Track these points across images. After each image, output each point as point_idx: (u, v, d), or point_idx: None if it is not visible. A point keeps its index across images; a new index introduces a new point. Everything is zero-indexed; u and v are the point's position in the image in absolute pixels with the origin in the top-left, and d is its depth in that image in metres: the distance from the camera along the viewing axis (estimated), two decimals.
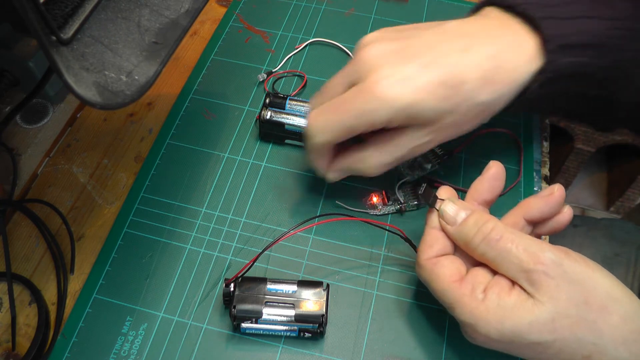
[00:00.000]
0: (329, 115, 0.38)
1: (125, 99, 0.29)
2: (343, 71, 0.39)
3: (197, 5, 0.35)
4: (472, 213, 0.35)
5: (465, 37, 0.37)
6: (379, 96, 0.35)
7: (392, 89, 0.35)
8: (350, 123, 0.37)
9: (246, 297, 0.38)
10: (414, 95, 0.35)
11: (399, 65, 0.36)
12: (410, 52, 0.37)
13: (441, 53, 0.36)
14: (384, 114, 0.35)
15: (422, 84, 0.35)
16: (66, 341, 0.39)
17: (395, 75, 0.35)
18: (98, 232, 0.45)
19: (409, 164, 0.48)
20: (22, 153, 0.49)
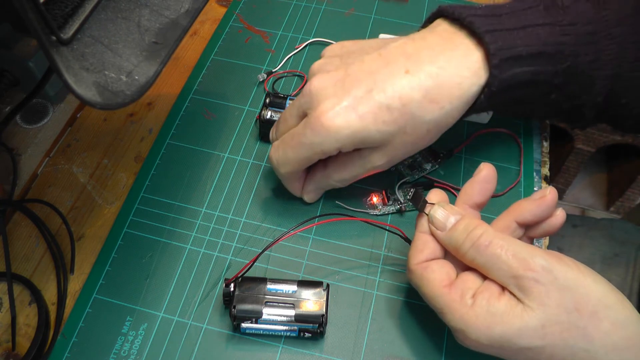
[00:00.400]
0: (286, 149, 0.40)
1: (125, 99, 0.29)
2: (295, 102, 0.40)
3: (197, 5, 0.35)
4: (461, 218, 0.35)
5: (407, 58, 0.38)
6: (326, 127, 0.36)
7: (337, 119, 0.36)
8: (304, 155, 0.39)
9: (246, 297, 0.38)
10: (358, 122, 0.36)
11: (342, 95, 0.37)
12: (353, 80, 0.37)
13: (382, 78, 0.37)
14: (333, 143, 0.37)
15: (365, 110, 0.36)
16: (66, 341, 0.39)
17: (338, 105, 0.36)
18: (98, 232, 0.45)
19: (409, 164, 0.48)
20: (22, 153, 0.49)
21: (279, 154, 0.40)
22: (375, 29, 0.60)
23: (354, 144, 0.38)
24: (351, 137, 0.37)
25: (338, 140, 0.37)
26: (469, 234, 0.34)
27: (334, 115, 0.36)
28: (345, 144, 0.37)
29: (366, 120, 0.36)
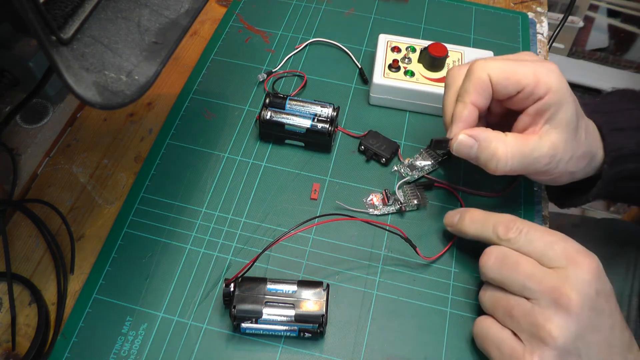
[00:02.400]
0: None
1: (125, 99, 0.29)
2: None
3: (197, 5, 0.35)
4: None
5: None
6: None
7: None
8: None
9: (246, 297, 0.38)
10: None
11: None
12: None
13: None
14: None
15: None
16: (66, 341, 0.39)
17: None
18: (98, 232, 0.45)
19: (409, 164, 0.48)
20: (22, 153, 0.49)
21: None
22: (375, 29, 0.60)
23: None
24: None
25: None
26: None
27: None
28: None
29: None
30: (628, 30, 1.71)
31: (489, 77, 0.39)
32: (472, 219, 0.40)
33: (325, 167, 0.49)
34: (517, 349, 0.34)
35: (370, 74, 0.53)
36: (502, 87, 0.39)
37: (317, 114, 0.48)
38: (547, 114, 0.39)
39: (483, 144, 0.39)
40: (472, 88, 0.39)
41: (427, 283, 0.42)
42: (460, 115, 0.40)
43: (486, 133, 0.39)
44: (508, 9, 0.64)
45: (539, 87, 0.38)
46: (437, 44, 0.51)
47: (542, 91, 0.38)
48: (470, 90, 0.39)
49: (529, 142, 0.39)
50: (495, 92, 0.39)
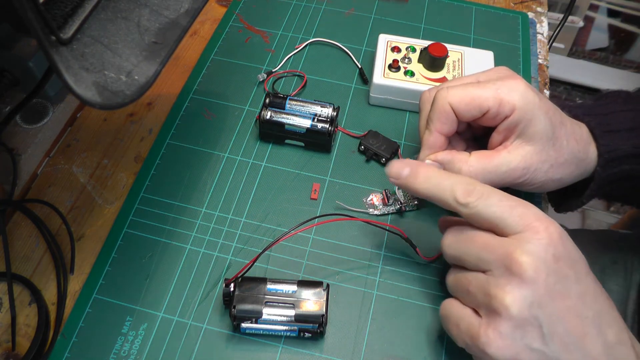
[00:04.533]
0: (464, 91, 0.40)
1: (125, 99, 0.29)
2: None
3: (196, 5, 0.35)
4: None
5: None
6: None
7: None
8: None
9: (246, 297, 0.38)
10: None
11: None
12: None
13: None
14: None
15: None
16: (66, 341, 0.39)
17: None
18: (98, 232, 0.45)
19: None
20: (22, 153, 0.49)
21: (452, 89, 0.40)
22: (375, 29, 0.60)
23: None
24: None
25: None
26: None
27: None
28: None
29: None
30: (628, 30, 1.71)
31: (450, 106, 0.40)
32: (427, 176, 0.37)
33: (325, 167, 0.49)
34: (474, 324, 0.33)
35: (370, 74, 0.53)
36: (465, 113, 0.40)
37: (317, 113, 0.48)
38: (517, 129, 0.39)
39: (447, 166, 0.41)
40: (435, 117, 0.41)
41: (427, 283, 0.42)
42: (426, 142, 0.42)
43: (450, 156, 0.41)
44: (508, 9, 0.64)
45: (502, 107, 0.39)
46: (437, 44, 0.51)
47: (507, 110, 0.39)
48: (433, 119, 0.41)
49: (494, 159, 0.40)
50: (460, 117, 0.40)
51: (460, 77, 0.44)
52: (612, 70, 1.65)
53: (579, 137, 0.42)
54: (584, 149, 0.42)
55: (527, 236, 0.32)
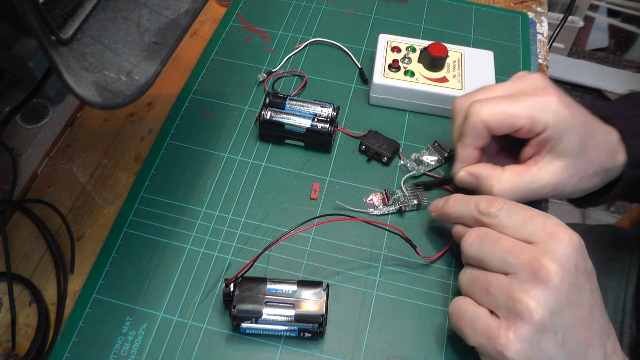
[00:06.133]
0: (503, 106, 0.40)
1: (125, 99, 0.29)
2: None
3: (196, 5, 0.35)
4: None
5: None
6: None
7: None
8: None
9: (246, 297, 0.38)
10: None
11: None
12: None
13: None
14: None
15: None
16: (66, 341, 0.39)
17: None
18: (98, 232, 0.45)
19: (415, 159, 0.49)
20: (22, 153, 0.49)
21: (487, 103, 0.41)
22: (375, 29, 0.60)
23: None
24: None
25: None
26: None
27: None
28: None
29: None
30: (628, 30, 1.71)
31: (484, 123, 0.40)
32: (455, 200, 0.40)
33: (325, 167, 0.49)
34: (491, 325, 0.33)
35: (370, 74, 0.53)
36: (498, 130, 0.40)
37: (317, 113, 0.48)
38: (548, 146, 0.40)
39: (480, 181, 0.42)
40: (468, 133, 0.41)
41: (427, 283, 0.42)
42: (460, 156, 0.43)
43: (484, 171, 0.42)
44: (508, 9, 0.64)
45: (535, 125, 0.39)
46: (437, 43, 0.51)
47: (539, 128, 0.39)
48: (467, 134, 0.41)
49: (525, 177, 0.40)
50: (492, 132, 0.41)
51: (492, 87, 0.43)
52: (612, 70, 1.65)
53: (608, 147, 0.42)
54: (612, 159, 0.42)
55: (551, 244, 0.33)
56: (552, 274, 0.32)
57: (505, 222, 0.35)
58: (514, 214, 0.35)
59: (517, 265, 0.33)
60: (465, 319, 0.35)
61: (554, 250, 0.33)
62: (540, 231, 0.34)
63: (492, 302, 0.34)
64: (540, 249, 0.33)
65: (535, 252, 0.33)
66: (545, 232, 0.34)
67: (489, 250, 0.35)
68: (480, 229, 0.37)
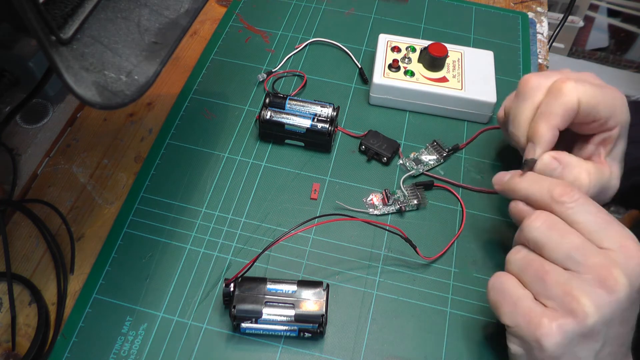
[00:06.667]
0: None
1: (125, 99, 0.29)
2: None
3: (196, 5, 0.35)
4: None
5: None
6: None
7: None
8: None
9: (246, 297, 0.38)
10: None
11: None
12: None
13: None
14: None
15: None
16: (66, 341, 0.39)
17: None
18: (98, 232, 0.45)
19: (414, 158, 0.49)
20: (22, 153, 0.49)
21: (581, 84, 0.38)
22: (375, 29, 0.60)
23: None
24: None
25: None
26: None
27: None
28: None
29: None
30: (628, 30, 1.71)
31: (579, 103, 0.37)
32: (527, 176, 0.37)
33: (325, 167, 0.49)
34: (535, 310, 0.32)
35: (370, 73, 0.53)
36: (586, 114, 0.38)
37: (317, 113, 0.48)
38: (610, 146, 0.39)
39: (567, 168, 0.39)
40: (561, 111, 0.37)
41: (427, 283, 0.42)
42: (543, 138, 0.38)
43: (570, 158, 0.39)
44: (508, 9, 0.64)
45: (612, 119, 0.38)
46: (437, 43, 0.51)
47: (612, 124, 0.38)
48: (558, 113, 0.37)
49: (606, 173, 0.39)
50: (578, 117, 0.38)
51: (560, 71, 0.40)
52: (612, 70, 1.65)
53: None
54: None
55: (623, 257, 0.32)
56: (620, 286, 0.31)
57: (579, 217, 0.33)
58: (588, 212, 0.33)
59: (584, 265, 0.32)
60: (506, 297, 0.34)
61: (625, 263, 0.32)
62: (614, 240, 0.32)
63: (543, 291, 0.33)
64: (611, 256, 0.32)
65: (606, 259, 0.32)
66: (619, 243, 0.32)
67: (555, 241, 0.33)
68: (550, 215, 0.34)
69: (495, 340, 0.39)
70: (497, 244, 0.45)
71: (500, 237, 0.45)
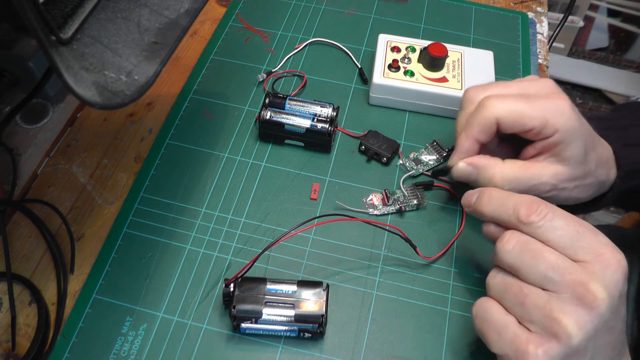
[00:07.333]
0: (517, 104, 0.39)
1: (125, 99, 0.29)
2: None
3: (196, 5, 0.35)
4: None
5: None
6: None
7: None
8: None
9: (246, 297, 0.38)
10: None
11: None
12: None
13: None
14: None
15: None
16: (66, 341, 0.39)
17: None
18: (98, 232, 0.45)
19: (414, 158, 0.49)
20: (22, 153, 0.49)
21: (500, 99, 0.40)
22: (375, 29, 0.60)
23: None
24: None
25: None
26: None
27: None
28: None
29: None
30: (628, 30, 1.71)
31: (497, 119, 0.39)
32: (491, 198, 0.37)
33: (325, 167, 0.49)
34: (520, 337, 0.32)
35: (370, 74, 0.53)
36: (509, 128, 0.40)
37: (316, 114, 0.48)
38: (554, 150, 0.40)
39: (480, 171, 0.41)
40: (477, 125, 0.40)
41: (427, 283, 0.42)
42: (461, 146, 0.42)
43: (484, 161, 0.41)
44: (508, 9, 0.64)
45: (546, 128, 0.39)
46: (436, 43, 0.51)
47: (549, 132, 0.39)
48: (474, 126, 0.41)
49: (529, 170, 0.40)
50: (501, 129, 0.40)
51: (506, 83, 0.42)
52: (612, 70, 1.65)
53: (604, 160, 0.43)
54: (607, 173, 0.43)
55: (600, 267, 0.31)
56: (599, 301, 0.31)
57: (549, 235, 0.33)
58: (558, 228, 0.33)
59: (561, 283, 0.31)
60: (491, 325, 0.34)
61: (602, 274, 0.31)
62: (588, 251, 0.32)
63: (524, 316, 0.32)
64: (587, 269, 0.31)
65: (582, 274, 0.31)
66: (594, 253, 0.32)
67: (529, 262, 0.33)
68: (521, 236, 0.34)
69: None
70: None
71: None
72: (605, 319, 0.31)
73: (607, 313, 0.31)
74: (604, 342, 0.32)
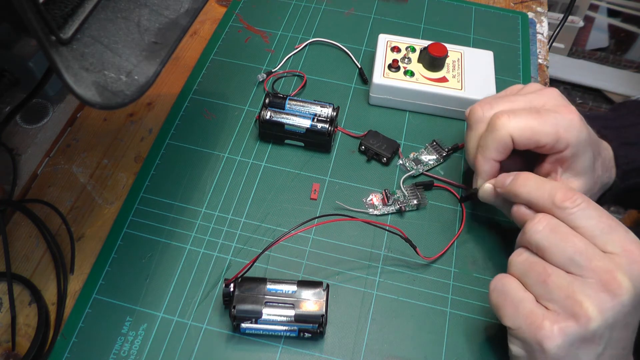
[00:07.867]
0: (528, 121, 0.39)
1: (124, 99, 0.29)
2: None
3: (196, 5, 0.35)
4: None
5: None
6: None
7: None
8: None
9: (246, 297, 0.38)
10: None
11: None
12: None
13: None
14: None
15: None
16: (66, 341, 0.39)
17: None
18: (98, 232, 0.45)
19: (414, 158, 0.49)
20: (22, 153, 0.49)
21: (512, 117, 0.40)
22: (375, 29, 0.60)
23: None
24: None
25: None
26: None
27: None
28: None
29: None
30: (628, 30, 1.71)
31: (511, 138, 0.39)
32: (527, 180, 0.38)
33: (325, 167, 0.49)
34: (536, 313, 0.32)
35: (370, 74, 0.53)
36: (523, 145, 0.40)
37: (316, 114, 0.48)
38: (566, 164, 0.40)
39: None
40: (493, 146, 0.40)
41: (427, 283, 0.42)
42: (482, 170, 0.42)
43: (507, 180, 0.40)
44: (508, 9, 0.64)
45: (559, 143, 0.39)
46: (436, 43, 0.51)
47: (561, 146, 0.39)
48: (490, 148, 0.40)
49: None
50: (516, 147, 0.40)
51: (513, 97, 0.42)
52: (612, 70, 1.65)
53: (607, 163, 0.43)
54: (609, 175, 0.43)
55: (627, 262, 0.32)
56: (623, 290, 0.31)
57: (581, 222, 0.33)
58: (590, 217, 0.33)
59: (587, 268, 0.32)
60: (508, 299, 0.34)
61: (629, 267, 0.32)
62: (617, 244, 0.33)
63: (544, 294, 0.33)
64: (614, 260, 0.32)
65: (610, 263, 0.32)
66: (622, 247, 0.32)
67: (557, 244, 0.33)
68: (552, 219, 0.34)
69: (495, 341, 0.39)
70: (497, 244, 0.45)
71: (500, 237, 0.45)
72: (626, 310, 0.31)
73: (629, 305, 0.31)
74: (618, 337, 0.32)
